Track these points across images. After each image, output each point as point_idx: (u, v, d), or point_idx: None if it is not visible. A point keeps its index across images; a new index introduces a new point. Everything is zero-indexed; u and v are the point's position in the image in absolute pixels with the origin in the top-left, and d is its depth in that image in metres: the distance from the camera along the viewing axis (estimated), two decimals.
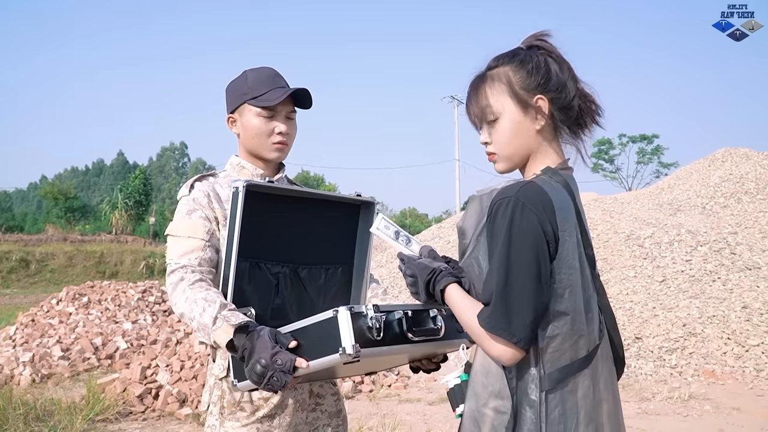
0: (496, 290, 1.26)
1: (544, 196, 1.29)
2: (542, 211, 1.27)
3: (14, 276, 25.27)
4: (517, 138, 1.41)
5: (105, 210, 43.44)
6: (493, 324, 1.26)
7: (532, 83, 1.39)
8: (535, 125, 1.41)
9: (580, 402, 1.30)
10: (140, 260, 27.77)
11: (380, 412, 5.56)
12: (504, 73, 1.42)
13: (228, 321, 1.55)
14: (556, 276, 1.28)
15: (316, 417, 1.92)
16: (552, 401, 1.28)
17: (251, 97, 1.89)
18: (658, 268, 9.50)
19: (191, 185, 1.89)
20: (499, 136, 1.42)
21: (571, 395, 1.29)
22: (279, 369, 1.43)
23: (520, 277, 1.24)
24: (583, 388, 1.31)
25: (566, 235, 1.29)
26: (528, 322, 1.24)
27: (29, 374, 6.69)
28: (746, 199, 13.28)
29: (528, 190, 1.29)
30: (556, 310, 1.28)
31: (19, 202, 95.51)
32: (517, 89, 1.40)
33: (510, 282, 1.25)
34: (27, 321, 9.38)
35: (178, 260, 1.74)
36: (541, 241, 1.26)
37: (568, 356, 1.30)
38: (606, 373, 1.37)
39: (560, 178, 1.38)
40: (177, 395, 5.62)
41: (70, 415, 5.03)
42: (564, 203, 1.32)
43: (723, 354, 7.11)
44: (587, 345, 1.32)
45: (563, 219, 1.30)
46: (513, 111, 1.40)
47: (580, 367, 1.31)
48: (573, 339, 1.30)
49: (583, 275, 1.33)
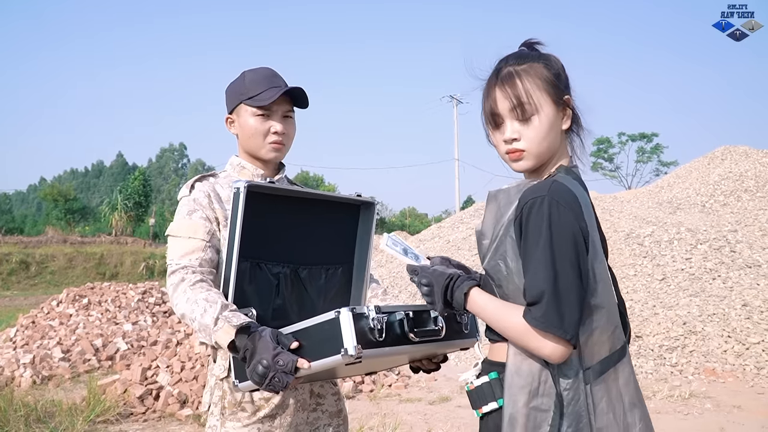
0: (547, 289, 1.26)
1: (571, 193, 1.32)
2: (575, 208, 1.30)
3: (14, 278, 25.25)
4: (550, 136, 1.41)
5: (105, 211, 43.42)
6: (547, 323, 1.26)
7: (562, 83, 1.43)
8: (563, 124, 1.43)
9: (623, 389, 1.35)
10: (140, 261, 27.76)
11: (381, 412, 5.56)
12: (539, 70, 1.41)
13: (229, 322, 1.55)
14: (592, 271, 1.31)
15: (317, 417, 1.92)
16: (597, 393, 1.31)
17: (247, 98, 1.90)
18: (658, 266, 9.50)
19: (192, 186, 1.89)
20: (535, 133, 1.39)
21: (614, 384, 1.34)
22: (281, 370, 1.43)
23: (567, 274, 1.26)
24: (624, 375, 1.36)
25: (592, 231, 1.33)
26: (576, 319, 1.27)
27: (30, 376, 6.68)
28: (746, 196, 13.27)
29: (559, 189, 1.31)
30: (593, 303, 1.32)
31: (19, 203, 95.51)
32: (553, 87, 1.41)
33: (558, 280, 1.26)
34: (27, 323, 9.37)
35: (179, 261, 1.74)
36: (579, 237, 1.29)
37: (607, 348, 1.34)
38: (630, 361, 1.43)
39: (575, 175, 1.42)
40: (177, 396, 5.62)
41: (70, 416, 5.03)
42: (585, 200, 1.36)
43: (723, 352, 7.11)
44: (622, 335, 1.37)
45: (588, 215, 1.33)
46: (550, 108, 1.40)
47: (620, 357, 1.36)
48: (610, 330, 1.34)
49: (607, 269, 1.37)
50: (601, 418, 1.31)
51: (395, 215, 60.71)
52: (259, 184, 1.75)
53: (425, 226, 41.43)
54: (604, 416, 1.31)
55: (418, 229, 40.29)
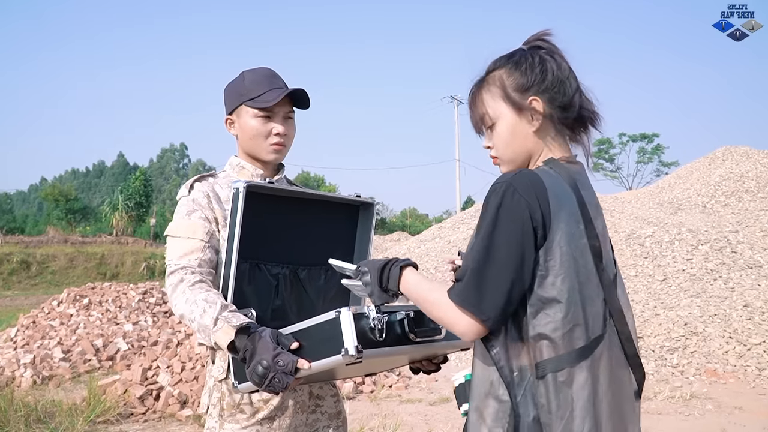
0: (472, 267, 1.28)
1: (538, 183, 1.29)
2: (533, 197, 1.27)
3: (15, 278, 25.27)
4: (515, 141, 1.42)
5: (105, 211, 43.41)
6: (463, 298, 1.27)
7: (526, 84, 1.39)
8: (531, 127, 1.41)
9: (575, 394, 1.27)
10: (141, 261, 27.78)
11: (381, 413, 5.56)
12: (499, 76, 1.43)
13: (229, 322, 1.54)
14: (545, 263, 1.28)
15: (316, 418, 1.91)
16: (544, 390, 1.27)
17: (248, 99, 1.88)
18: (659, 267, 9.49)
19: (191, 186, 1.87)
20: (498, 141, 1.43)
21: (564, 386, 1.27)
22: (281, 370, 1.42)
23: (500, 257, 1.26)
24: (579, 380, 1.27)
25: (561, 224, 1.28)
26: (501, 303, 1.25)
27: (30, 376, 6.68)
28: (747, 197, 13.26)
29: (522, 177, 1.30)
30: (546, 296, 1.28)
31: (20, 203, 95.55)
32: (511, 92, 1.40)
33: (489, 261, 1.26)
34: (28, 323, 9.37)
35: (178, 261, 1.73)
36: (527, 226, 1.26)
37: (562, 345, 1.27)
38: (611, 369, 1.33)
39: (563, 169, 1.38)
40: (178, 396, 5.62)
41: (71, 416, 5.03)
42: (561, 192, 1.32)
43: (725, 353, 7.10)
44: (585, 336, 1.29)
45: (558, 207, 1.29)
46: (508, 115, 1.41)
47: (577, 359, 1.28)
48: (567, 327, 1.27)
49: (582, 265, 1.31)
50: (545, 416, 1.26)
51: (396, 216, 60.71)
52: (259, 185, 1.74)
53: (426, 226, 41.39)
54: (547, 415, 1.26)
55: (418, 230, 40.27)
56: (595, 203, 1.42)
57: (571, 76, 1.42)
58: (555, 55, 1.42)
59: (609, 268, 1.39)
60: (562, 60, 1.42)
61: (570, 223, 1.30)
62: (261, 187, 1.76)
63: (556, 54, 1.43)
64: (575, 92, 1.41)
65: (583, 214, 1.35)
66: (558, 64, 1.41)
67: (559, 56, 1.43)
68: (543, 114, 1.39)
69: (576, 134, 1.46)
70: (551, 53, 1.43)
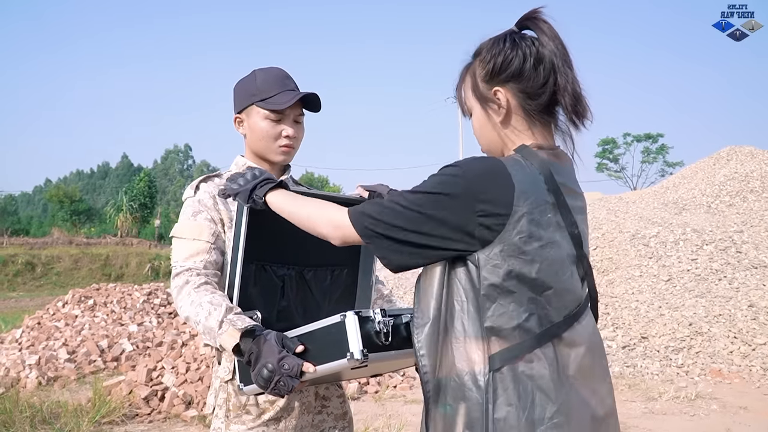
0: (385, 204, 1.31)
1: (497, 170, 1.24)
2: (483, 184, 1.22)
3: (20, 279, 25.37)
4: (485, 132, 1.41)
5: (110, 213, 43.57)
6: (358, 210, 1.34)
7: (491, 74, 1.36)
8: (497, 118, 1.37)
9: (537, 382, 1.21)
10: (145, 262, 27.84)
11: (386, 413, 5.55)
12: (473, 68, 1.41)
13: (234, 325, 1.55)
14: (500, 252, 1.21)
15: (322, 419, 1.91)
16: (501, 381, 1.21)
17: (260, 99, 1.86)
18: (664, 267, 9.47)
19: (196, 186, 1.87)
20: (475, 132, 1.44)
21: (524, 375, 1.21)
22: (286, 373, 1.42)
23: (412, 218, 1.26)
24: (540, 367, 1.21)
25: (521, 212, 1.21)
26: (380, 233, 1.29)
27: (35, 377, 6.70)
28: (752, 197, 13.23)
29: (476, 163, 1.26)
30: (498, 285, 1.22)
31: (25, 205, 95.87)
32: (479, 83, 1.38)
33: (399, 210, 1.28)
34: (33, 324, 9.39)
35: (183, 263, 1.74)
36: (455, 202, 1.23)
37: (517, 335, 1.21)
38: (580, 356, 1.27)
39: (534, 157, 1.30)
40: (183, 397, 5.62)
41: (76, 417, 5.04)
42: (528, 185, 1.24)
43: (729, 353, 7.09)
44: (543, 321, 1.24)
45: (520, 195, 1.22)
46: (476, 107, 1.40)
47: (533, 346, 1.22)
48: (521, 317, 1.22)
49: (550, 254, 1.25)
50: (501, 409, 1.19)
51: None
52: None
53: None
54: (504, 408, 1.19)
55: None
56: (575, 193, 1.36)
57: (550, 59, 1.33)
58: (539, 36, 1.34)
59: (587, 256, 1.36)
60: (549, 41, 1.33)
61: (534, 212, 1.23)
62: None
63: (542, 35, 1.34)
64: (548, 77, 1.33)
65: (557, 200, 1.28)
66: (537, 47, 1.33)
67: (546, 36, 1.34)
68: (509, 104, 1.35)
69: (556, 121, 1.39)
70: (539, 33, 1.34)
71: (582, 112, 1.35)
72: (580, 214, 1.36)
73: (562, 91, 1.33)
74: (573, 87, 1.33)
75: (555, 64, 1.32)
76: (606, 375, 1.35)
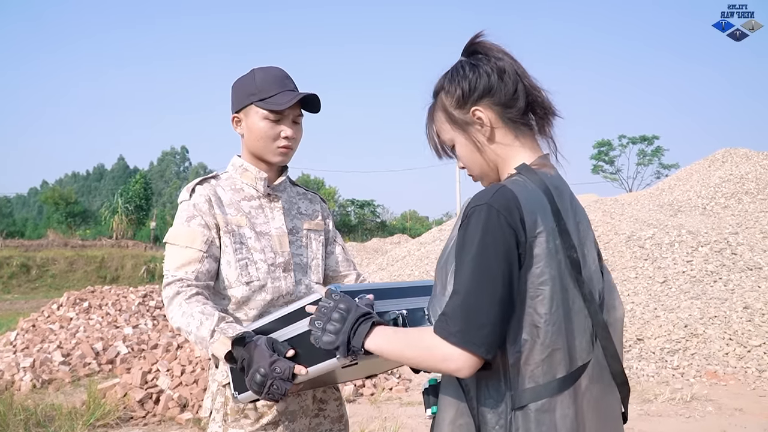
0: (459, 299, 1.18)
1: (514, 201, 1.21)
2: (515, 218, 1.20)
3: (15, 281, 25.28)
4: (475, 158, 1.39)
5: (105, 215, 43.49)
6: (451, 330, 1.16)
7: (463, 97, 1.35)
8: (483, 137, 1.36)
9: (559, 423, 1.19)
10: (141, 265, 27.80)
11: (382, 416, 5.55)
12: (440, 101, 1.40)
13: (225, 333, 1.56)
14: (522, 286, 1.20)
15: (319, 422, 1.91)
16: (524, 421, 1.19)
17: (259, 99, 1.84)
18: (659, 269, 9.49)
19: (192, 189, 1.86)
20: (464, 161, 1.42)
21: (547, 414, 1.19)
22: (278, 377, 1.42)
23: (487, 287, 1.16)
24: (562, 408, 1.20)
25: (535, 242, 1.20)
26: (495, 332, 1.16)
27: (30, 380, 6.67)
28: (747, 199, 13.26)
29: (500, 197, 1.22)
30: (525, 321, 1.20)
31: (20, 207, 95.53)
32: (452, 112, 1.38)
33: (476, 291, 1.17)
34: (28, 326, 9.37)
35: (175, 273, 1.74)
36: (513, 251, 1.18)
37: (541, 372, 1.19)
38: (596, 395, 1.27)
39: (536, 177, 1.30)
40: (178, 400, 5.61)
41: (70, 420, 5.02)
42: (535, 206, 1.23)
43: (725, 355, 7.10)
44: (565, 362, 1.21)
45: (532, 224, 1.21)
46: (459, 136, 1.39)
47: (559, 389, 1.20)
48: (546, 353, 1.19)
49: (562, 283, 1.23)
50: None
51: (396, 218, 60.73)
52: None
53: (426, 229, 41.41)
54: None
55: (418, 232, 40.28)
56: (573, 207, 1.33)
57: (511, 68, 1.35)
58: (491, 54, 1.36)
59: (593, 280, 1.30)
60: (502, 55, 1.36)
61: (546, 240, 1.22)
62: None
63: (492, 52, 1.36)
64: (516, 83, 1.34)
65: (558, 225, 1.26)
66: (495, 62, 1.35)
67: (497, 52, 1.36)
68: (490, 120, 1.35)
69: (538, 126, 1.39)
70: (487, 54, 1.36)
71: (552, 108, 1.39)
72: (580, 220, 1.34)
73: (535, 93, 1.36)
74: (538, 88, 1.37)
75: (517, 71, 1.35)
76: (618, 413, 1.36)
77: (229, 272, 1.82)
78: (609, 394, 1.31)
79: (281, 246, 1.89)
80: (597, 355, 1.28)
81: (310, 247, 1.99)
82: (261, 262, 1.85)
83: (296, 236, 1.97)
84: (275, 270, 1.86)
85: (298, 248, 1.96)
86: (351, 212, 54.92)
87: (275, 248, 1.88)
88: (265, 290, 1.84)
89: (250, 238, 1.86)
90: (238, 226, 1.85)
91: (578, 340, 1.24)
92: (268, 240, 1.88)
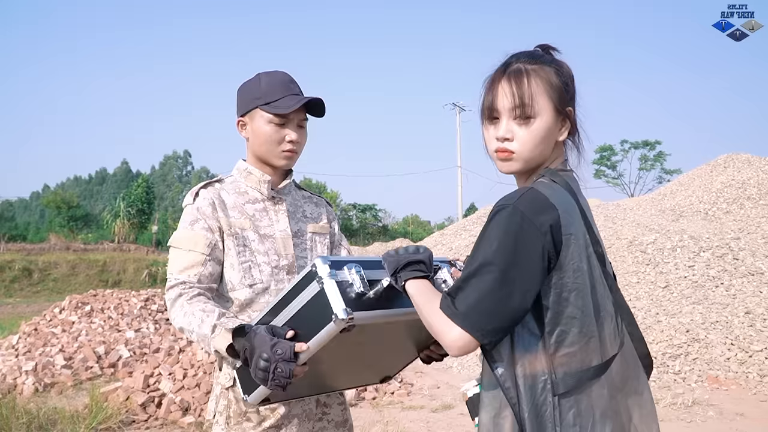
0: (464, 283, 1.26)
1: (545, 201, 1.26)
2: (544, 221, 1.24)
3: (17, 285, 25.26)
4: (543, 143, 1.36)
5: (108, 219, 43.49)
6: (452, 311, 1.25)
7: (569, 93, 1.39)
8: (558, 135, 1.39)
9: (595, 402, 1.27)
10: (143, 269, 27.77)
11: (383, 420, 5.55)
12: (548, 74, 1.36)
13: (225, 326, 1.57)
14: (560, 280, 1.26)
15: (323, 427, 1.91)
16: (566, 404, 1.25)
17: (264, 103, 1.85)
18: (661, 273, 9.48)
19: (196, 193, 1.88)
20: (529, 137, 1.35)
21: (585, 396, 1.27)
22: (280, 358, 1.43)
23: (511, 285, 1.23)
24: (598, 391, 1.28)
25: (572, 238, 1.27)
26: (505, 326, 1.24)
27: (32, 383, 6.68)
28: (749, 204, 13.25)
29: (529, 198, 1.27)
30: (563, 313, 1.26)
31: (22, 211, 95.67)
32: (558, 93, 1.36)
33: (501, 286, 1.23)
34: (30, 330, 9.37)
35: (178, 276, 1.75)
36: (540, 255, 1.23)
37: (579, 359, 1.27)
38: (627, 377, 1.35)
39: (560, 178, 1.36)
40: (180, 403, 5.62)
41: (73, 423, 5.03)
42: (567, 205, 1.29)
43: (726, 360, 7.09)
44: (600, 349, 1.30)
45: (567, 222, 1.27)
46: (550, 116, 1.35)
47: (595, 375, 1.28)
48: (583, 341, 1.27)
49: (593, 276, 1.30)
50: (567, 431, 1.25)
51: (398, 222, 60.73)
52: None
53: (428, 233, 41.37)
54: (570, 429, 1.25)
55: (420, 237, 40.23)
56: (587, 205, 1.41)
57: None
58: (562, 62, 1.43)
59: (610, 270, 1.39)
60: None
61: (578, 236, 1.29)
62: None
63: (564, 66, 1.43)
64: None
65: (585, 221, 1.34)
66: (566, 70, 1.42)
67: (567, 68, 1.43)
68: (571, 124, 1.40)
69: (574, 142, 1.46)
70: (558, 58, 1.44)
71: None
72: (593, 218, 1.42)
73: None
74: None
75: None
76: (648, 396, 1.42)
77: (233, 275, 1.83)
78: (637, 377, 1.38)
79: (285, 248, 1.91)
80: (625, 340, 1.37)
81: (314, 249, 2.00)
82: (264, 264, 1.86)
83: (301, 239, 1.98)
84: (279, 272, 1.87)
85: (303, 251, 1.96)
86: (353, 216, 54.92)
87: (279, 251, 1.89)
88: (269, 292, 1.85)
89: (253, 241, 1.87)
90: (242, 229, 1.86)
91: (607, 329, 1.33)
92: (272, 242, 1.89)
